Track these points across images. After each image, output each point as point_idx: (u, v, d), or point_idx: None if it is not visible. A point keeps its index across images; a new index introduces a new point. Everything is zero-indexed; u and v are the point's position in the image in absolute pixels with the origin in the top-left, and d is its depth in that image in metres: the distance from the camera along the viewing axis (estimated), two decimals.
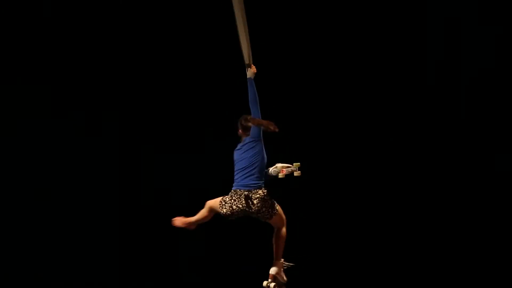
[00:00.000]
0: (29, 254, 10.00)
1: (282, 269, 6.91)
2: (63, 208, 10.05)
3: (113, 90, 10.17)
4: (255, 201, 6.60)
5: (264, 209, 6.65)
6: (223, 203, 6.72)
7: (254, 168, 6.67)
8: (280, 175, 6.79)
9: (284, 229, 6.84)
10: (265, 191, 6.68)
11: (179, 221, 7.01)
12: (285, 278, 6.92)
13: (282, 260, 6.95)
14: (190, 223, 7.00)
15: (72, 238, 10.05)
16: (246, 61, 6.76)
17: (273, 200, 6.73)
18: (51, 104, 10.10)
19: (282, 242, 6.86)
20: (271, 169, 6.80)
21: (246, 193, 6.64)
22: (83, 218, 10.05)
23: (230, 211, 6.68)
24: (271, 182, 6.88)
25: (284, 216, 6.82)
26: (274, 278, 6.87)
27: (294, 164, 6.79)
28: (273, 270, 6.87)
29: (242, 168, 6.71)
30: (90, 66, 10.13)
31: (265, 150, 6.80)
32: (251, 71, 6.77)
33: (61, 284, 9.94)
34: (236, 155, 6.81)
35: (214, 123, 9.87)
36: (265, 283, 6.87)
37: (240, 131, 6.86)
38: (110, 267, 10.09)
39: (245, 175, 6.68)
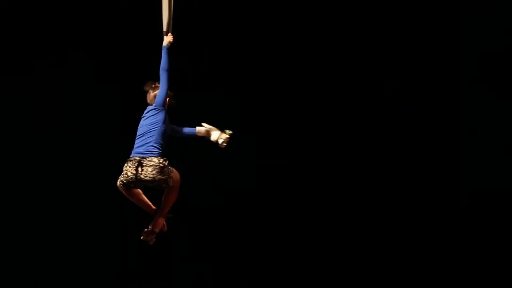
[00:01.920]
0: (29, 254, 10.01)
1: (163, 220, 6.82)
2: (63, 208, 10.06)
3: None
4: (149, 169, 6.52)
5: (158, 178, 6.55)
6: (121, 175, 6.67)
7: (151, 136, 6.59)
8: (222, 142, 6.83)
9: (177, 190, 6.73)
10: (162, 159, 6.58)
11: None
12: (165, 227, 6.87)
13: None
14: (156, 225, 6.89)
15: (72, 238, 10.06)
16: (164, 29, 6.74)
17: (171, 169, 6.63)
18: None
19: (172, 200, 6.76)
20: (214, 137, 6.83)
21: (138, 159, 6.57)
22: (83, 218, 10.06)
23: (125, 179, 6.61)
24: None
25: (179, 178, 6.70)
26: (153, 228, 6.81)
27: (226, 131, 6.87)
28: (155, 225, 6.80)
29: (140, 135, 6.66)
30: None
31: (171, 124, 6.72)
32: (166, 40, 6.73)
33: (61, 284, 9.95)
34: (140, 122, 6.77)
35: None
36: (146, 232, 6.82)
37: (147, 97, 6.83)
38: (110, 267, 10.09)
39: (141, 143, 6.62)
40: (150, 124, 6.65)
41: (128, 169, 6.57)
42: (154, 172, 6.51)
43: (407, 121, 10.34)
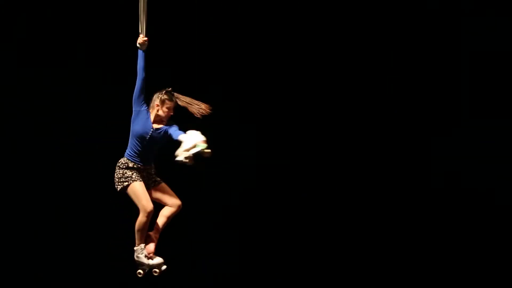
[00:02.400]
0: (29, 254, 10.01)
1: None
2: (62, 208, 10.07)
3: None
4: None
5: (115, 178, 6.62)
6: None
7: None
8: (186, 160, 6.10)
9: (139, 216, 6.58)
10: (121, 160, 6.59)
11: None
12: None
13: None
14: (152, 242, 6.78)
15: (73, 238, 10.06)
16: (139, 30, 6.59)
17: (120, 174, 6.58)
18: None
19: (137, 230, 6.62)
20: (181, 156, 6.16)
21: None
22: (81, 218, 10.06)
23: None
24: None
25: (136, 202, 6.55)
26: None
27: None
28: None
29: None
30: None
31: (136, 123, 6.51)
32: (138, 40, 6.59)
33: (61, 284, 9.96)
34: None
35: None
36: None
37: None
38: (109, 268, 10.09)
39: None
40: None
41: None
42: (116, 169, 6.63)
43: (406, 122, 10.38)
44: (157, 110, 6.52)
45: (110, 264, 10.03)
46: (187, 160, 6.07)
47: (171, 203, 6.64)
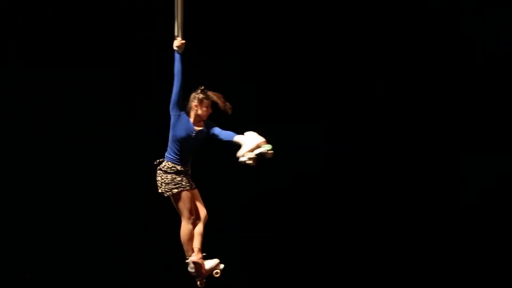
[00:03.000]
0: (29, 254, 10.03)
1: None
2: (62, 207, 10.09)
3: None
4: (158, 177, 6.57)
5: (157, 182, 6.57)
6: None
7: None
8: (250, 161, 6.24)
9: (182, 224, 6.58)
10: (164, 164, 6.53)
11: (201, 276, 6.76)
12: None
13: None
14: (201, 266, 6.74)
15: (72, 238, 10.08)
16: (175, 33, 6.53)
17: (172, 178, 6.50)
18: None
19: (184, 241, 6.63)
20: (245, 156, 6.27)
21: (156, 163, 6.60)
22: (81, 218, 10.09)
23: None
24: None
25: (182, 209, 6.52)
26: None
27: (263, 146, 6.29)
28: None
29: None
30: None
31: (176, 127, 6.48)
32: (175, 43, 6.50)
33: (61, 284, 9.98)
34: None
35: None
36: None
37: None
38: (109, 267, 10.12)
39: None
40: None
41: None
42: (157, 176, 6.56)
43: (407, 121, 10.42)
44: (196, 111, 6.54)
45: (110, 264, 10.06)
46: (251, 161, 6.21)
47: (201, 215, 6.68)
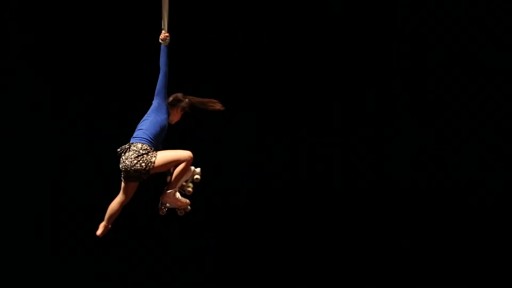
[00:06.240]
0: (28, 254, 10.02)
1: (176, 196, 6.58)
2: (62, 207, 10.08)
3: None
4: (130, 153, 6.38)
5: (135, 163, 6.35)
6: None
7: (144, 125, 6.51)
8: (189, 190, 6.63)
9: (183, 164, 6.49)
10: (146, 146, 6.40)
11: (100, 230, 6.66)
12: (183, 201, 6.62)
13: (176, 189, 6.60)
14: (106, 225, 6.64)
15: (72, 238, 10.07)
16: (162, 26, 6.62)
17: (153, 158, 6.39)
18: None
19: (180, 173, 6.52)
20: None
21: (123, 146, 6.45)
22: (81, 218, 10.07)
23: (121, 171, 6.47)
24: None
25: (173, 155, 6.51)
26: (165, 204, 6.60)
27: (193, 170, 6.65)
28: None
29: (138, 126, 6.60)
30: None
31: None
32: (161, 36, 6.59)
33: (61, 284, 9.97)
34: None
35: None
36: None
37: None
38: (108, 267, 10.10)
39: (136, 130, 6.55)
40: (147, 114, 6.59)
41: (121, 162, 6.47)
42: (132, 156, 6.37)
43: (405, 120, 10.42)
44: (174, 115, 6.69)
45: (110, 264, 10.06)
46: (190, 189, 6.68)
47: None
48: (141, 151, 6.38)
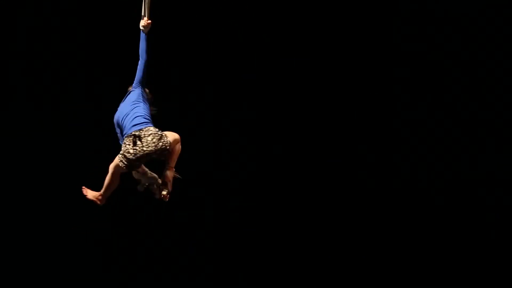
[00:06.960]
0: (28, 254, 10.03)
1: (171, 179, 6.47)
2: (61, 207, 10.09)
3: None
4: (148, 138, 6.27)
5: (160, 145, 6.26)
6: (121, 156, 6.33)
7: (137, 112, 6.43)
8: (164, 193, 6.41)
9: (179, 144, 6.44)
10: (151, 128, 6.31)
11: (90, 194, 6.60)
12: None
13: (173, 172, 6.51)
14: (98, 197, 6.57)
15: (71, 237, 10.07)
16: (142, 13, 6.52)
17: (165, 134, 6.35)
18: None
19: (177, 153, 6.43)
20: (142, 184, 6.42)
21: (135, 133, 6.31)
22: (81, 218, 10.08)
23: (128, 161, 6.27)
24: None
25: (176, 137, 6.44)
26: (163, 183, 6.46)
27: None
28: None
29: (126, 114, 6.46)
30: None
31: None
32: (142, 23, 6.53)
33: (61, 284, 9.98)
34: (119, 107, 6.59)
35: None
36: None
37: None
38: (109, 267, 10.11)
39: (129, 120, 6.41)
40: (131, 103, 6.50)
41: (129, 147, 6.29)
42: (154, 140, 6.27)
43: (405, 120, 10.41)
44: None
45: (110, 264, 10.06)
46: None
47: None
48: (158, 133, 6.32)
